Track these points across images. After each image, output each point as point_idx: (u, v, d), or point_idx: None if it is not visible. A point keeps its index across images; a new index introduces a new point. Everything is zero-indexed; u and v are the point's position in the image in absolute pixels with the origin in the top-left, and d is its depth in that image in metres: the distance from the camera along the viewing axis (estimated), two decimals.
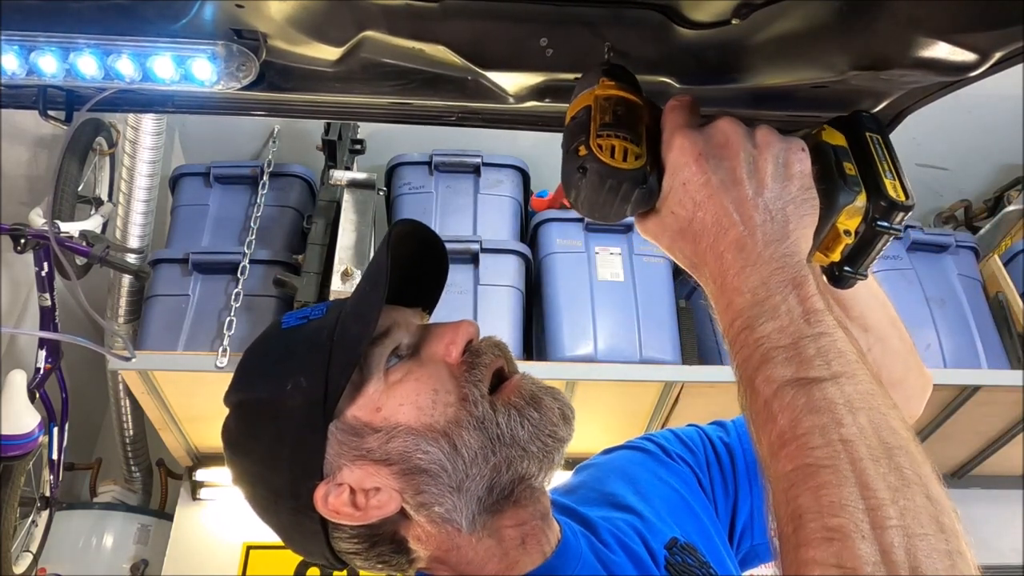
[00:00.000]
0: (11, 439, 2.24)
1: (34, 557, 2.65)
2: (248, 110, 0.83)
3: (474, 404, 0.71)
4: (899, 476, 0.51)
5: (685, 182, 0.63)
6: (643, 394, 2.60)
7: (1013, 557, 2.99)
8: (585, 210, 0.66)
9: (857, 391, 0.55)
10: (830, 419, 0.53)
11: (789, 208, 0.62)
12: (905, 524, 0.49)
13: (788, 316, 0.58)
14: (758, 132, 0.64)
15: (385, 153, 2.97)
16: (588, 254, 2.67)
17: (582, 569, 0.76)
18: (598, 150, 0.63)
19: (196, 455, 2.88)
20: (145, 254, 2.62)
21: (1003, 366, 2.72)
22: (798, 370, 0.56)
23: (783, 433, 0.55)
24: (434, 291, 0.85)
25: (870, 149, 0.66)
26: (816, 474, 0.52)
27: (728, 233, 0.61)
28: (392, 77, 0.76)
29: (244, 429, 0.75)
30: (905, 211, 0.64)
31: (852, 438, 0.52)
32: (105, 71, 0.73)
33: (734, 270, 0.61)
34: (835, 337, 0.57)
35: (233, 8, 0.67)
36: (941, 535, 0.49)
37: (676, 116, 0.66)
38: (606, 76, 0.67)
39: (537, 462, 0.72)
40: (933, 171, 3.41)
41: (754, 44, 0.67)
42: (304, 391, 0.71)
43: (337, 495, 0.70)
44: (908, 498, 0.50)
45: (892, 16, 0.61)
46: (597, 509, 0.87)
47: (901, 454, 0.52)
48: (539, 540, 0.75)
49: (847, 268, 0.67)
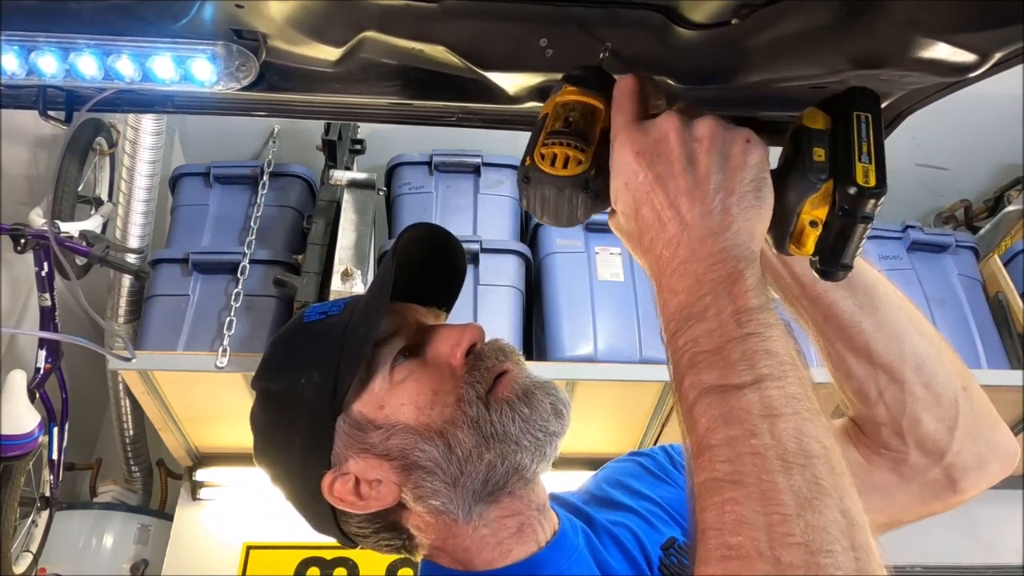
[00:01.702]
0: (11, 439, 2.24)
1: (34, 557, 2.65)
2: (248, 110, 0.83)
3: (469, 404, 0.74)
4: (813, 487, 0.49)
5: (627, 182, 0.62)
6: (643, 394, 2.60)
7: (1013, 557, 2.99)
8: (539, 216, 0.68)
9: (782, 395, 0.53)
10: (743, 430, 0.52)
11: (730, 200, 0.60)
12: (809, 540, 0.47)
13: (717, 318, 0.56)
14: (699, 124, 0.62)
15: (385, 153, 2.98)
16: (588, 254, 2.67)
17: (576, 562, 0.78)
18: (539, 159, 0.64)
19: (196, 455, 2.88)
20: (145, 254, 2.62)
21: (1003, 366, 2.73)
22: (720, 376, 0.54)
23: (699, 442, 0.54)
24: (451, 291, 0.88)
25: (852, 129, 0.64)
26: (721, 489, 0.51)
27: (665, 229, 0.60)
28: (392, 77, 0.76)
29: (265, 415, 0.80)
30: (876, 197, 0.62)
31: (763, 450, 0.50)
32: (105, 71, 0.73)
33: (670, 268, 0.59)
34: (765, 336, 0.55)
35: (233, 8, 0.67)
36: (850, 552, 0.47)
37: (619, 112, 0.65)
38: (568, 82, 0.68)
39: (529, 455, 0.75)
40: (933, 171, 3.41)
41: (753, 45, 0.67)
42: (316, 385, 0.75)
43: (343, 484, 0.74)
44: (818, 511, 0.48)
45: (891, 17, 0.61)
46: (599, 509, 0.88)
47: (820, 464, 0.50)
48: (534, 529, 0.77)
49: (828, 260, 0.64)
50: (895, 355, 0.79)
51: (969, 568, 3.00)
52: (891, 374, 0.79)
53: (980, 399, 0.82)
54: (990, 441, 0.82)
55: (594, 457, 2.80)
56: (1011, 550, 3.00)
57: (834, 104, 0.67)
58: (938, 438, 0.80)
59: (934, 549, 2.78)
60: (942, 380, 0.80)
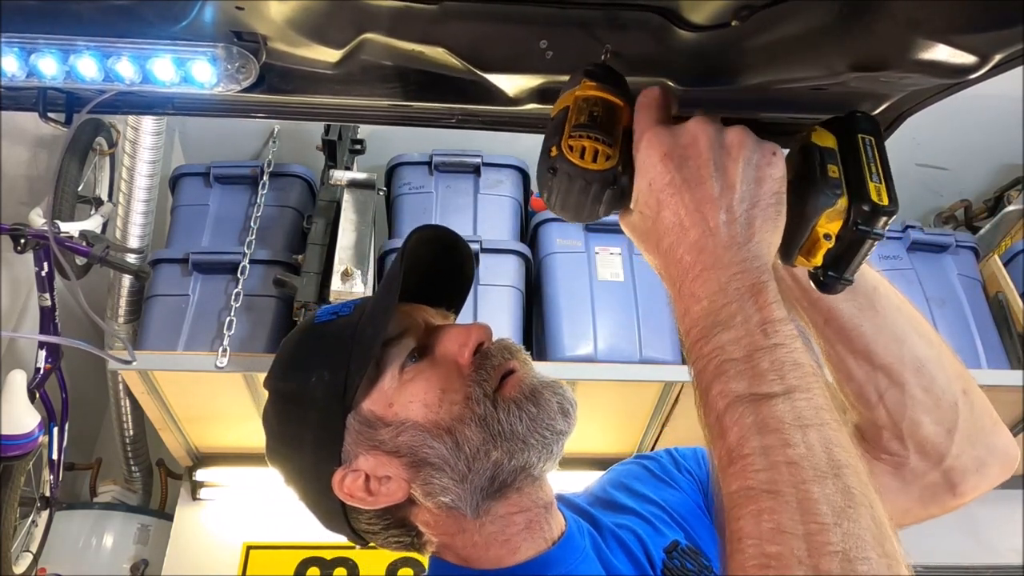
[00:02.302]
0: (11, 439, 2.24)
1: (34, 557, 2.65)
2: (248, 112, 0.83)
3: (476, 402, 0.75)
4: (846, 496, 0.50)
5: (651, 182, 0.62)
6: (643, 394, 2.60)
7: (1013, 557, 2.99)
8: (558, 210, 0.67)
9: (810, 406, 0.54)
10: (777, 439, 0.52)
11: (755, 211, 0.60)
12: (846, 548, 0.48)
13: (744, 327, 0.56)
14: (730, 132, 0.63)
15: (385, 153, 2.98)
16: (588, 254, 2.67)
17: (582, 563, 0.79)
18: (568, 151, 0.64)
19: (196, 455, 2.88)
20: (145, 254, 2.62)
21: (1003, 366, 2.73)
22: (751, 385, 0.54)
23: (731, 450, 0.54)
24: (460, 293, 0.90)
25: (860, 150, 0.65)
26: (758, 498, 0.51)
27: (688, 234, 0.60)
28: (392, 79, 0.76)
29: (276, 414, 0.82)
30: (888, 215, 0.63)
31: (798, 459, 0.51)
32: (105, 73, 0.73)
33: (692, 274, 0.59)
34: (791, 348, 0.56)
35: (233, 10, 0.67)
36: (883, 560, 0.48)
37: (646, 115, 0.65)
38: (587, 77, 0.67)
39: (537, 453, 0.76)
40: (933, 171, 3.41)
41: (753, 46, 0.67)
42: (326, 383, 0.76)
43: (353, 480, 0.76)
44: (853, 520, 0.49)
45: (891, 18, 0.61)
46: (604, 511, 0.89)
47: (850, 472, 0.51)
48: (541, 528, 0.79)
49: (831, 273, 0.66)
50: (895, 357, 0.79)
51: (969, 568, 3.00)
52: (891, 376, 0.79)
53: (980, 402, 0.82)
54: (990, 444, 0.82)
55: (594, 457, 2.81)
56: (1011, 550, 3.00)
57: (837, 125, 0.68)
58: (937, 441, 0.80)
59: (934, 549, 2.78)
60: (942, 383, 0.80)
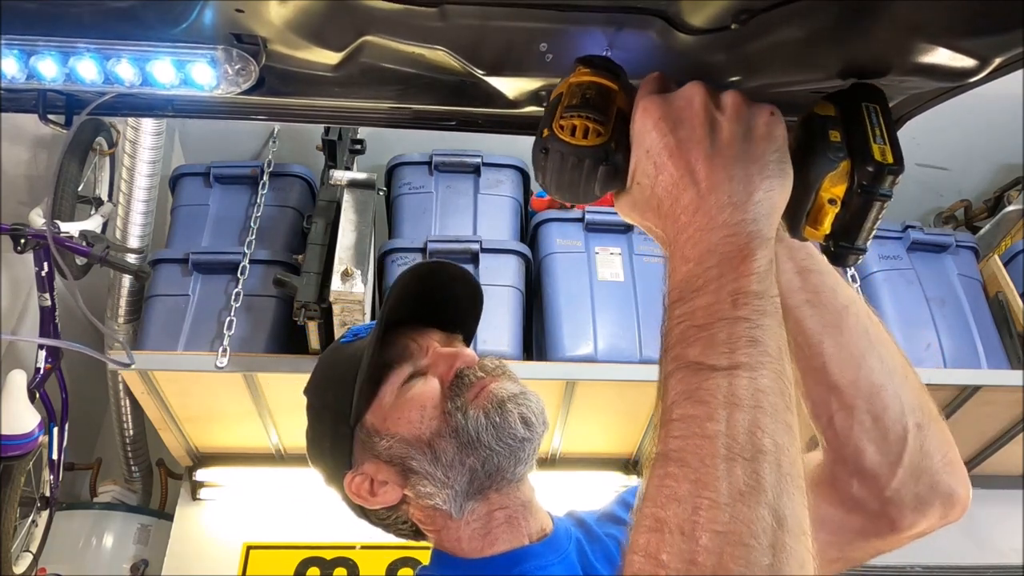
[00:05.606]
0: (11, 439, 2.24)
1: (34, 557, 2.65)
2: (248, 114, 0.83)
3: (450, 415, 0.85)
4: (751, 481, 0.49)
5: (648, 148, 0.62)
6: (643, 394, 2.59)
7: (1013, 557, 2.99)
8: (553, 190, 0.67)
9: (751, 386, 0.53)
10: (703, 411, 0.52)
11: (753, 168, 0.59)
12: (731, 531, 0.48)
13: (716, 294, 0.56)
14: (725, 95, 0.62)
15: (385, 153, 2.98)
16: (588, 254, 2.68)
17: (559, 564, 0.85)
18: (559, 130, 0.64)
19: (196, 455, 2.88)
20: (145, 254, 2.62)
21: (1003, 366, 2.72)
22: (700, 353, 0.54)
23: (663, 413, 0.55)
24: (470, 319, 0.99)
25: (863, 115, 0.65)
26: (666, 463, 0.52)
27: (685, 194, 0.59)
28: (392, 81, 0.76)
29: (309, 424, 0.95)
30: (894, 174, 0.62)
31: (714, 435, 0.51)
32: (105, 75, 0.73)
33: (686, 235, 0.58)
34: (755, 324, 0.55)
35: (233, 12, 0.67)
36: (767, 551, 0.48)
37: (643, 90, 0.65)
38: (581, 64, 0.68)
39: (505, 459, 0.84)
40: (933, 171, 3.41)
41: (753, 49, 0.67)
42: (338, 400, 0.89)
43: (359, 482, 0.88)
44: (748, 505, 0.49)
45: (892, 21, 0.61)
46: (603, 524, 0.95)
47: (767, 460, 0.51)
48: (520, 524, 0.86)
49: (843, 243, 0.64)
50: (849, 380, 0.78)
51: (969, 568, 3.01)
52: (842, 399, 0.78)
53: (935, 439, 0.79)
54: (934, 483, 0.79)
55: (594, 457, 2.81)
56: (1011, 550, 3.00)
57: (840, 97, 0.67)
58: (879, 472, 0.78)
59: (934, 549, 2.79)
60: (894, 413, 0.78)
